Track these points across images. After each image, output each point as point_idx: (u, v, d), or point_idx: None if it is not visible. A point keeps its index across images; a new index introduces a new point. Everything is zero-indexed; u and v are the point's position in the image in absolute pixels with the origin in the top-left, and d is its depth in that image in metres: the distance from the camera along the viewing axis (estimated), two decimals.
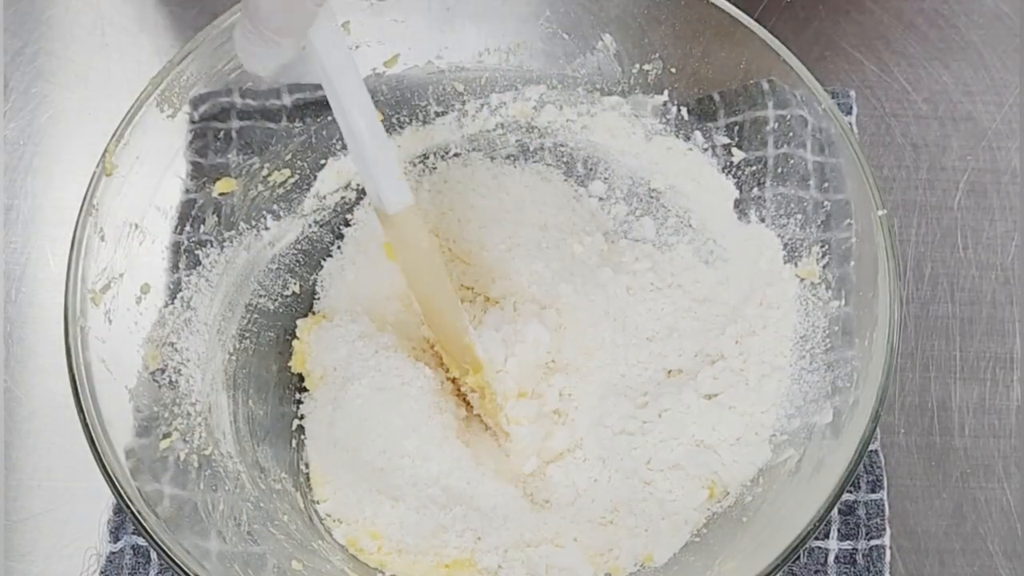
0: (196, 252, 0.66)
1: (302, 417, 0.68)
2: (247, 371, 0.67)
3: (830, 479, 0.55)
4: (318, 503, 0.66)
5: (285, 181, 0.70)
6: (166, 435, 0.60)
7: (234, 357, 0.67)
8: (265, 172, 0.69)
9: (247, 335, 0.68)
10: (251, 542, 0.60)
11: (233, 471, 0.62)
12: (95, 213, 0.60)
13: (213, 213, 0.67)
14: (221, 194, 0.68)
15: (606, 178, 0.74)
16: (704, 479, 0.65)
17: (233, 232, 0.68)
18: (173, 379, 0.62)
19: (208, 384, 0.64)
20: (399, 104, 0.72)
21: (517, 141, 0.74)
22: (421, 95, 0.73)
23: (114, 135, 0.61)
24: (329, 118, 0.71)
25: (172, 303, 0.64)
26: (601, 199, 0.74)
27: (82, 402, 0.56)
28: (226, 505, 0.60)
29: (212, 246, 0.67)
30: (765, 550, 0.54)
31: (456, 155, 0.74)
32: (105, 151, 0.61)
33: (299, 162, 0.71)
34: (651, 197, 0.73)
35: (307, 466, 0.67)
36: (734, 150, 0.69)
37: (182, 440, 0.61)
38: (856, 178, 0.62)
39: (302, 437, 0.68)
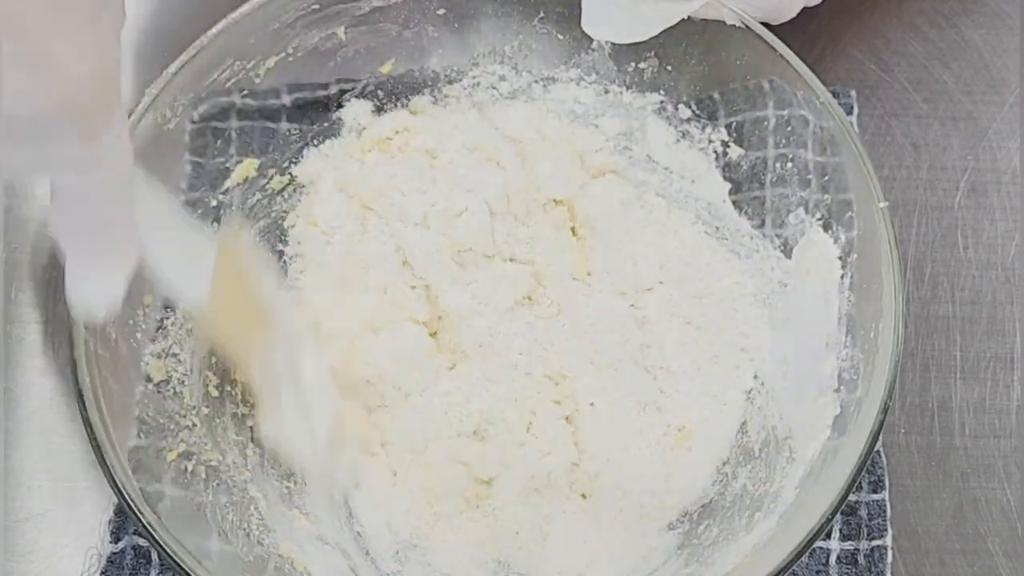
0: None
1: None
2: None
3: (840, 475, 0.55)
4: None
5: (283, 189, 0.70)
6: (171, 447, 0.60)
7: None
8: (264, 180, 0.70)
9: None
10: (256, 545, 0.60)
11: (239, 480, 0.62)
12: None
13: (212, 221, 0.67)
14: (239, 184, 0.68)
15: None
16: None
17: None
18: (177, 390, 0.62)
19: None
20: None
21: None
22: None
23: None
24: (327, 123, 0.71)
25: (174, 313, 0.64)
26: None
27: (89, 415, 0.56)
28: (234, 514, 0.60)
29: None
30: (776, 548, 0.54)
31: None
32: None
33: (295, 167, 0.71)
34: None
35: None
36: (733, 147, 0.69)
37: (188, 450, 0.61)
38: (857, 172, 0.62)
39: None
